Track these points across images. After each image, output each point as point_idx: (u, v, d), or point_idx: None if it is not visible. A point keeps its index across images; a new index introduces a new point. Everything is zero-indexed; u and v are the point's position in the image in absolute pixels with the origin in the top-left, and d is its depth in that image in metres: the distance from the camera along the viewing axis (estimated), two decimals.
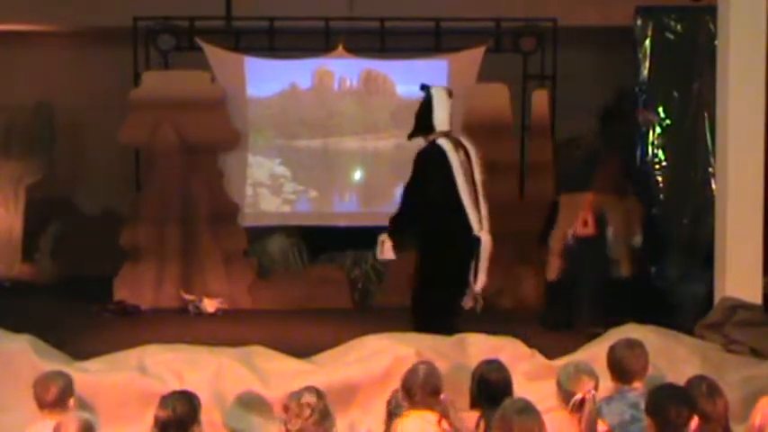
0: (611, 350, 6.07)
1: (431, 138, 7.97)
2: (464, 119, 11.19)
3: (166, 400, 5.33)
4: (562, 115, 11.59)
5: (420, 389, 5.35)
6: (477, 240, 7.89)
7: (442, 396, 5.39)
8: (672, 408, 4.90)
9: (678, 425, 4.87)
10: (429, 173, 7.78)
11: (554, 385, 5.48)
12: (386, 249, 8.01)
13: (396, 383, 6.98)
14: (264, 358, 7.65)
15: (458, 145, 7.95)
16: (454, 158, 7.85)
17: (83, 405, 6.11)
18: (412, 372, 5.44)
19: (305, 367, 7.56)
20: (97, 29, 12.38)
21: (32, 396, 5.83)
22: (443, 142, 7.90)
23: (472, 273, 7.98)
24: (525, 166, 11.42)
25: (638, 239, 9.59)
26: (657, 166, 10.91)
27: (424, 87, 8.05)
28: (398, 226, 7.94)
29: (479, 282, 7.98)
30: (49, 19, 12.33)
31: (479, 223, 7.90)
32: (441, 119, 7.91)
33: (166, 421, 5.16)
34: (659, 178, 10.92)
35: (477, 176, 8.01)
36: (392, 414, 5.57)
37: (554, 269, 9.60)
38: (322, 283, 11.05)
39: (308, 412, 4.96)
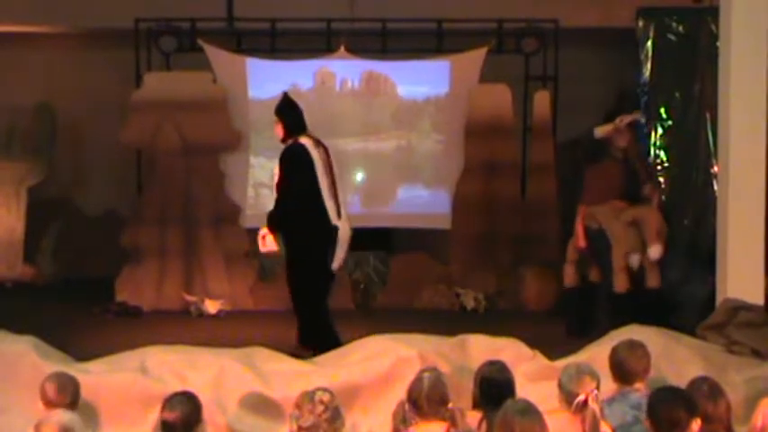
0: (613, 351, 6.07)
1: (296, 138, 8.45)
2: (466, 119, 11.21)
3: (171, 401, 5.33)
4: (564, 116, 11.58)
5: (426, 399, 5.32)
6: (336, 229, 8.34)
7: (449, 405, 5.38)
8: (673, 411, 4.90)
9: (679, 428, 4.86)
10: (295, 168, 8.30)
11: (555, 386, 5.47)
12: (268, 242, 8.36)
13: (398, 384, 7.01)
14: (266, 359, 7.64)
15: (317, 143, 8.46)
16: (316, 154, 8.36)
17: (84, 406, 6.10)
18: (417, 382, 5.39)
19: (306, 368, 7.55)
20: (99, 30, 12.38)
21: (34, 397, 5.83)
22: (305, 140, 8.41)
23: (330, 256, 8.37)
24: (527, 167, 11.41)
25: (649, 253, 9.16)
26: (659, 167, 10.91)
27: (285, 94, 8.62)
28: (276, 220, 8.34)
29: (336, 263, 8.41)
30: (51, 20, 12.33)
31: (337, 213, 8.37)
32: (305, 120, 8.48)
33: (173, 423, 5.17)
34: (661, 179, 10.91)
35: (335, 171, 8.55)
36: (398, 428, 5.53)
37: (569, 276, 9.52)
38: None
39: (321, 408, 4.98)
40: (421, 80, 11.58)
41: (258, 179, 11.43)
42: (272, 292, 10.92)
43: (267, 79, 11.45)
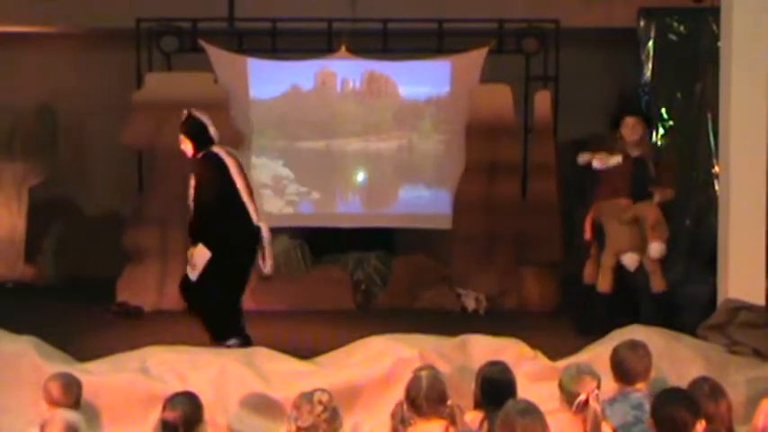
0: (615, 351, 6.07)
1: (207, 149, 8.57)
2: (467, 120, 11.21)
3: (172, 401, 5.34)
4: (565, 116, 11.57)
5: (425, 399, 5.32)
6: (259, 229, 8.52)
7: (448, 402, 5.38)
8: (678, 413, 4.90)
9: (684, 431, 4.86)
10: (211, 176, 8.45)
11: (556, 387, 5.47)
12: (198, 257, 8.40)
13: (399, 385, 6.98)
14: (267, 359, 7.65)
15: (228, 152, 8.64)
16: (228, 160, 8.51)
17: (85, 406, 6.11)
18: (415, 381, 5.39)
19: (308, 368, 7.56)
20: (100, 30, 12.38)
21: (35, 397, 5.84)
22: (218, 150, 8.54)
23: (260, 258, 8.55)
24: (528, 167, 11.41)
25: (649, 251, 9.11)
26: None
27: (188, 113, 8.68)
28: (198, 232, 8.48)
29: (268, 265, 8.60)
30: (52, 21, 12.33)
31: (256, 214, 8.56)
32: (213, 132, 8.58)
33: (174, 422, 5.18)
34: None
35: (248, 175, 8.81)
36: (397, 428, 5.53)
37: (588, 274, 9.44)
38: (325, 284, 11.05)
39: (320, 409, 4.99)
40: (422, 80, 11.57)
41: (260, 179, 11.41)
42: (274, 293, 10.91)
43: (268, 79, 11.45)
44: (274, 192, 11.49)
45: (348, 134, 11.53)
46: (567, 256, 11.18)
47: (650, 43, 11.21)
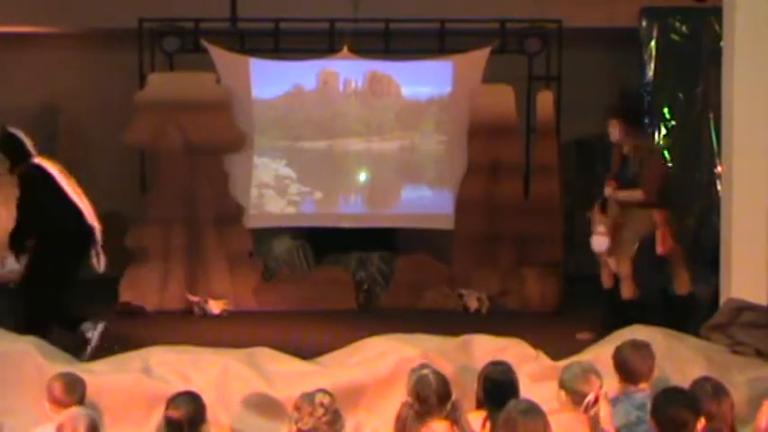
0: (618, 351, 6.08)
1: (27, 163, 8.77)
2: (469, 120, 11.21)
3: (176, 400, 5.36)
4: (567, 116, 11.57)
5: (437, 396, 5.34)
6: (94, 229, 8.83)
7: (452, 399, 5.39)
8: (679, 412, 4.90)
9: (685, 430, 4.87)
10: (39, 187, 8.64)
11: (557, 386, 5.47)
12: (8, 264, 8.82)
13: (401, 385, 6.97)
14: (270, 359, 7.65)
15: (48, 160, 8.88)
16: (53, 169, 8.75)
17: (88, 406, 6.10)
18: (422, 380, 5.39)
19: (310, 368, 7.56)
20: (102, 31, 12.38)
21: (38, 397, 5.84)
22: (38, 161, 8.77)
23: (93, 257, 8.83)
24: (530, 167, 11.40)
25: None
26: None
27: (4, 128, 9.02)
28: (18, 241, 8.67)
29: (102, 264, 8.87)
30: (54, 21, 12.33)
31: (90, 215, 8.84)
32: (30, 146, 8.86)
33: (178, 421, 5.19)
34: None
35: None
36: (404, 428, 5.52)
37: (629, 289, 9.06)
38: (327, 284, 11.05)
39: (321, 411, 4.99)
40: (424, 80, 11.56)
41: (262, 179, 11.43)
42: (276, 293, 10.95)
43: (270, 80, 11.45)
44: (276, 192, 11.49)
45: (350, 134, 11.52)
46: (569, 256, 11.19)
47: (652, 43, 11.21)
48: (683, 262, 9.12)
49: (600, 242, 9.01)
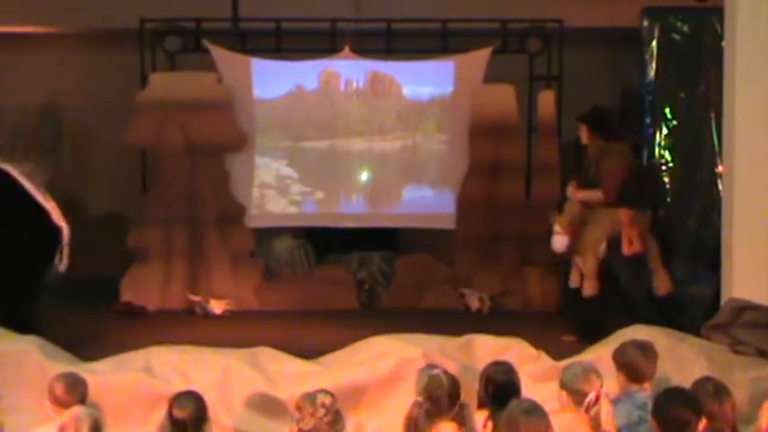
0: (622, 351, 6.08)
1: None
2: (471, 119, 11.21)
3: (180, 399, 5.37)
4: (569, 116, 11.55)
5: (448, 397, 5.34)
6: (60, 230, 8.85)
7: (460, 400, 5.40)
8: (678, 411, 4.90)
9: (687, 430, 4.86)
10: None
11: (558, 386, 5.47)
12: None
13: (403, 384, 7.02)
14: (271, 359, 7.66)
15: (8, 163, 8.95)
16: (13, 171, 8.79)
17: (89, 405, 6.11)
18: (435, 381, 5.38)
19: (312, 368, 7.56)
20: (104, 30, 12.38)
21: (39, 397, 5.84)
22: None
23: (57, 258, 8.83)
24: (531, 167, 11.40)
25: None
26: (664, 168, 10.92)
27: None
28: None
29: (64, 264, 8.86)
30: (56, 21, 12.33)
31: (56, 214, 8.87)
32: None
33: (183, 420, 5.21)
34: (666, 179, 10.93)
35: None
36: (414, 428, 5.51)
37: (590, 287, 9.11)
38: (328, 284, 11.05)
39: (322, 412, 5.00)
40: (425, 80, 11.57)
41: (263, 179, 11.44)
42: (277, 293, 10.95)
43: (272, 79, 11.45)
44: (278, 191, 11.50)
45: (352, 134, 11.53)
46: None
47: (654, 43, 11.21)
48: (660, 262, 9.09)
49: (557, 241, 9.18)
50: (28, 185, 8.66)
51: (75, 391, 5.80)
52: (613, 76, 12.63)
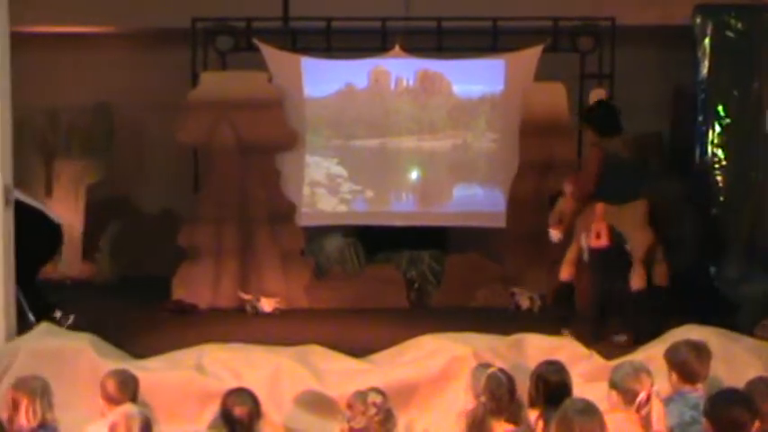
0: (675, 350, 6.03)
1: None
2: (521, 118, 11.17)
3: (237, 396, 5.40)
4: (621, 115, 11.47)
5: (508, 395, 5.33)
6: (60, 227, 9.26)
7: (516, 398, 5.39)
8: (733, 412, 4.85)
9: (739, 430, 4.82)
10: None
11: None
12: None
13: (453, 383, 7.01)
14: (321, 358, 7.68)
15: None
16: None
17: (141, 403, 6.15)
18: (496, 379, 5.37)
19: (362, 367, 7.58)
20: (156, 30, 12.47)
21: (92, 394, 5.89)
22: None
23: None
24: (582, 166, 11.32)
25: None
26: (717, 166, 10.82)
27: None
28: None
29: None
30: (109, 21, 12.44)
31: (52, 212, 9.27)
32: None
33: (240, 417, 5.24)
34: (719, 178, 10.82)
35: None
36: (475, 428, 5.49)
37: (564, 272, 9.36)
38: (378, 282, 11.06)
39: (373, 411, 5.00)
40: (476, 79, 11.54)
41: (314, 178, 11.47)
42: (328, 291, 10.97)
43: (322, 78, 11.47)
44: (328, 190, 11.52)
45: (402, 132, 11.53)
46: None
47: (707, 41, 11.09)
48: (641, 258, 8.97)
49: (551, 234, 9.60)
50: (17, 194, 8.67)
51: (127, 388, 5.84)
52: (665, 74, 12.52)
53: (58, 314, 8.85)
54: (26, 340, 7.78)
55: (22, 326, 8.27)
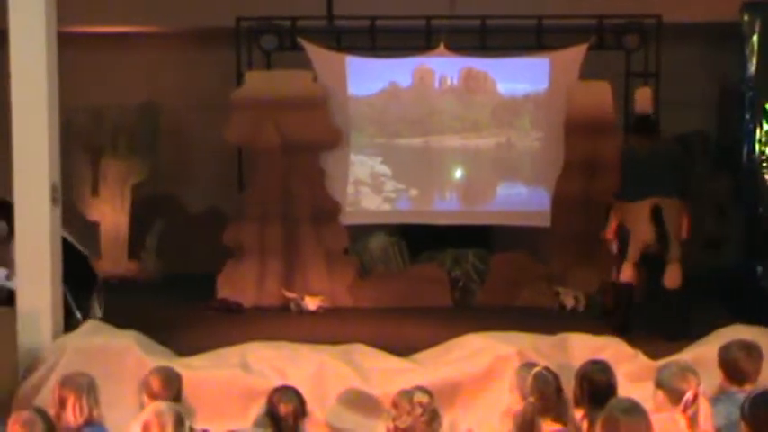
0: (726, 350, 5.98)
1: None
2: (566, 117, 11.12)
3: (284, 394, 5.40)
4: (666, 113, 11.41)
5: (556, 394, 5.31)
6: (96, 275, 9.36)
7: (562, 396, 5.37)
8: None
9: None
10: None
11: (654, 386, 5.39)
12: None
13: (497, 383, 7.00)
14: (365, 356, 7.69)
15: None
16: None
17: (186, 400, 6.19)
18: (543, 378, 5.35)
19: (406, 365, 7.58)
20: (201, 29, 12.54)
21: (137, 391, 5.92)
22: None
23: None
24: None
25: None
26: (764, 164, 10.70)
27: None
28: None
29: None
30: (154, 20, 12.52)
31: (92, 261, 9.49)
32: None
33: (285, 415, 5.26)
34: (767, 176, 10.71)
35: None
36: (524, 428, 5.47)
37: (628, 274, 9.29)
38: (422, 281, 11.04)
39: (419, 411, 4.98)
40: (520, 77, 11.50)
41: (358, 176, 11.47)
42: (372, 290, 10.97)
43: (367, 77, 11.48)
44: (372, 189, 11.52)
45: (446, 131, 11.51)
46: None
47: (755, 38, 10.97)
48: (677, 255, 9.00)
49: (611, 245, 9.73)
50: (68, 236, 8.75)
51: (170, 385, 5.85)
52: (712, 71, 12.42)
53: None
54: (73, 338, 7.85)
55: (69, 324, 8.33)
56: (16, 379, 7.58)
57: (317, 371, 7.36)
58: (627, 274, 9.14)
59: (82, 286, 8.80)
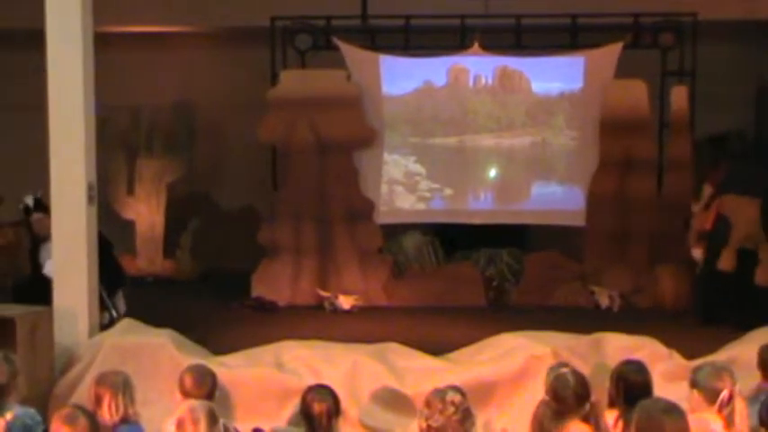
0: (765, 349, 5.94)
1: None
2: (601, 115, 11.08)
3: (319, 392, 5.41)
4: (702, 111, 11.34)
5: (574, 397, 5.28)
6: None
7: (591, 398, 5.33)
8: None
9: None
10: None
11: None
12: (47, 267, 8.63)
13: (531, 382, 6.97)
14: (399, 355, 7.68)
15: None
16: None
17: (220, 398, 6.21)
18: (561, 379, 5.33)
19: (440, 364, 7.57)
20: (236, 29, 12.59)
21: (173, 389, 5.94)
22: None
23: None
24: (663, 164, 11.21)
25: None
26: None
27: None
28: None
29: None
30: (189, 20, 12.58)
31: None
32: None
33: (320, 414, 5.26)
34: None
35: None
36: (541, 428, 5.46)
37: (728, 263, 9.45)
38: (456, 280, 11.04)
39: (451, 410, 4.96)
40: (555, 76, 11.47)
41: (392, 176, 11.48)
42: (406, 289, 10.97)
43: (401, 76, 11.48)
44: (406, 188, 11.52)
45: (480, 130, 11.49)
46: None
47: None
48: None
49: (694, 254, 10.00)
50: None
51: (204, 383, 5.87)
52: (749, 70, 12.34)
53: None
54: (108, 336, 7.89)
55: (102, 322, 8.38)
56: (53, 377, 7.63)
57: (351, 370, 7.36)
58: (728, 263, 9.18)
59: (110, 283, 8.85)
